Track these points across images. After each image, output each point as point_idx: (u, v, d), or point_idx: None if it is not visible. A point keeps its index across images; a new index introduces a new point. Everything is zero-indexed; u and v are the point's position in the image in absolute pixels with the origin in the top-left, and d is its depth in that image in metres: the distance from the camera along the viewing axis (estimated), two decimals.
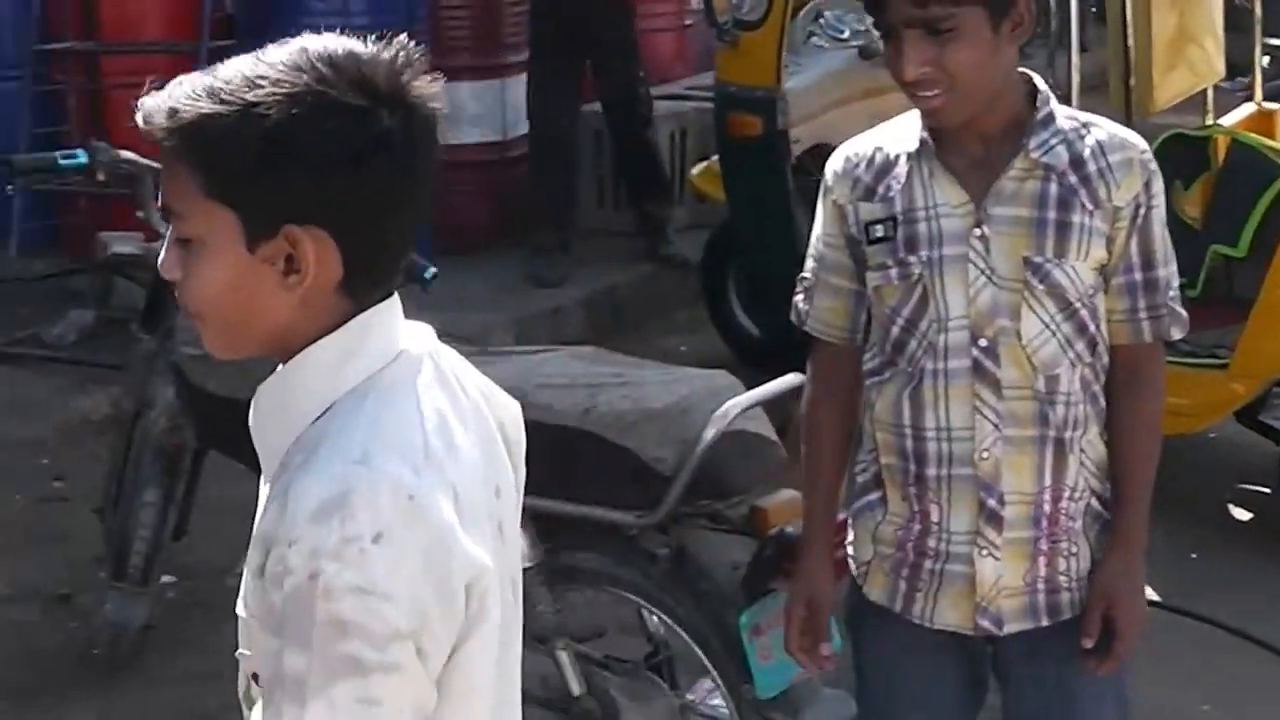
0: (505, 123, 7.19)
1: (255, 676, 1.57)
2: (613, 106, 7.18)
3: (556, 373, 3.24)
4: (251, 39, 6.18)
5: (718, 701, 3.23)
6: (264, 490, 1.63)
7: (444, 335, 1.71)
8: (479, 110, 7.31)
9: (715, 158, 6.40)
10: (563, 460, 3.10)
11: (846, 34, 6.33)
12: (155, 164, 3.95)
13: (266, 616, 1.53)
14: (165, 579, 4.26)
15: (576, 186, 7.26)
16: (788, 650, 2.69)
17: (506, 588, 1.66)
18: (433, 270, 3.62)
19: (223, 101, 1.52)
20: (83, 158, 3.97)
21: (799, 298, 2.61)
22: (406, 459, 1.54)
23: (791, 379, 3.20)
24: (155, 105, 1.57)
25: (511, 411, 1.81)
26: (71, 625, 4.54)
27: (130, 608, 4.20)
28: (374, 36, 1.57)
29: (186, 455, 4.12)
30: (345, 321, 1.59)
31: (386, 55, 1.56)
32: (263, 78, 1.52)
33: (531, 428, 3.09)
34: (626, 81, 7.09)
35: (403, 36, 1.58)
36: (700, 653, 3.18)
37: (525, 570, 3.10)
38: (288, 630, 1.50)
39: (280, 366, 1.61)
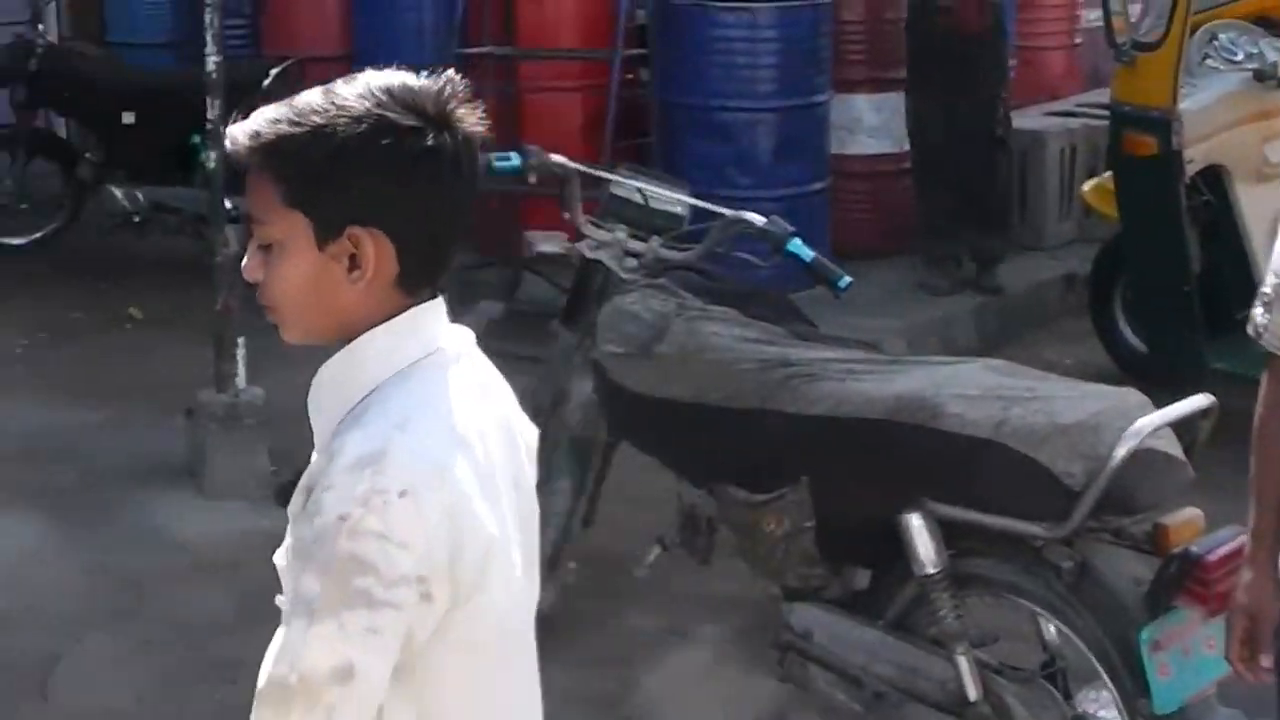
0: (901, 134, 7.25)
1: None
2: (969, 124, 7.04)
3: (970, 384, 3.31)
4: (665, 49, 6.49)
5: (1110, 714, 3.26)
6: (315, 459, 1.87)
7: (839, 340, 1.84)
8: (876, 122, 7.44)
9: (1107, 174, 6.37)
10: (973, 469, 3.19)
11: (1241, 56, 6.20)
12: (584, 167, 4.22)
13: (295, 545, 1.78)
14: (569, 565, 4.38)
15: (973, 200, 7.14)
16: (1227, 659, 2.70)
17: (514, 570, 1.85)
18: (847, 280, 3.74)
19: (296, 124, 1.77)
20: (516, 160, 4.13)
21: (1257, 311, 2.60)
22: (439, 432, 1.79)
23: (1200, 400, 3.22)
24: (241, 130, 1.82)
25: (530, 436, 2.01)
26: None
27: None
28: (427, 71, 1.83)
29: (599, 447, 4.24)
30: (399, 314, 1.83)
31: (435, 85, 1.81)
32: (331, 104, 1.77)
33: (943, 437, 3.20)
34: (988, 101, 7.02)
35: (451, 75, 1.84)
36: (1098, 665, 3.20)
37: (929, 576, 3.23)
38: (312, 558, 1.73)
39: (342, 349, 1.86)
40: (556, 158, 4.19)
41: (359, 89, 1.80)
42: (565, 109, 7.27)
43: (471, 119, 1.83)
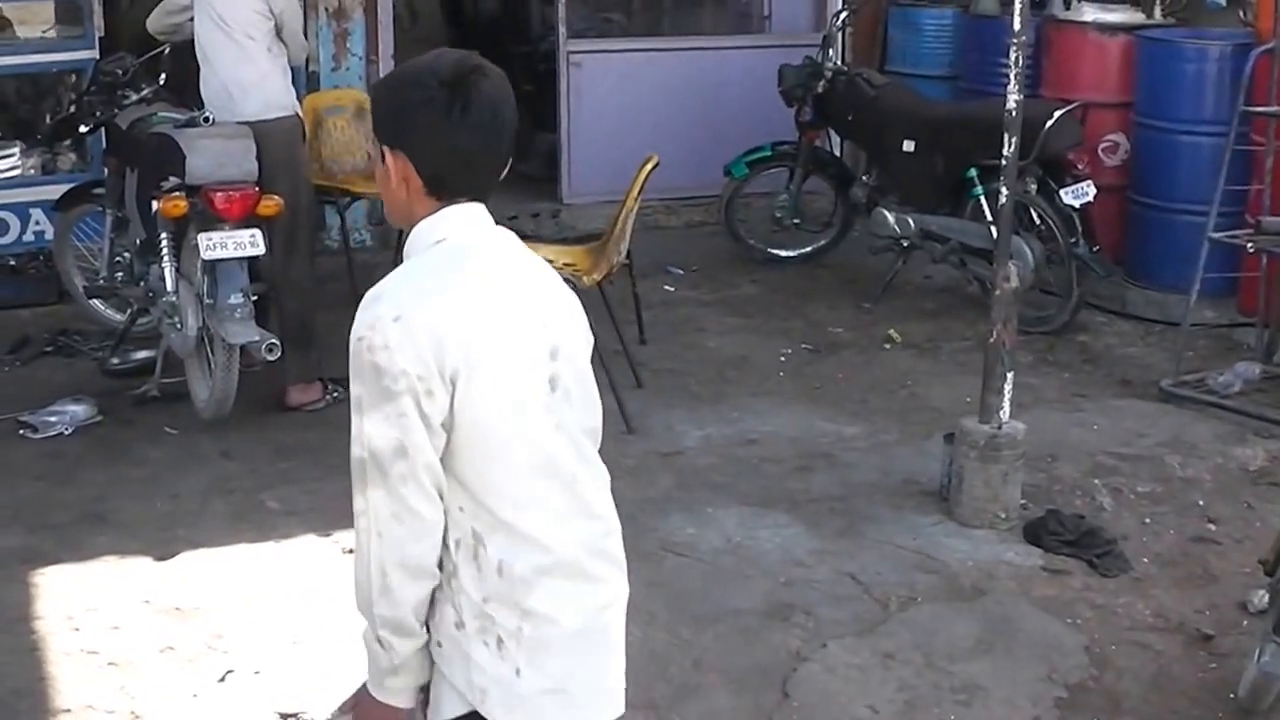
0: None
1: None
2: None
3: None
4: None
5: None
6: None
7: None
8: None
9: None
10: None
11: None
12: None
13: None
14: None
15: None
16: None
17: (536, 408, 2.55)
18: None
19: (375, 88, 2.72)
20: None
21: None
22: (421, 283, 2.51)
23: None
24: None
25: (558, 328, 2.65)
26: (1209, 665, 4.65)
27: None
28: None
29: None
30: (435, 213, 2.58)
31: (459, 58, 2.56)
32: (400, 70, 2.64)
33: None
34: None
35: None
36: None
37: None
38: (354, 375, 2.49)
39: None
40: None
41: (420, 61, 2.59)
42: None
43: (488, 84, 2.55)
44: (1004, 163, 5.36)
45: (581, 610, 2.60)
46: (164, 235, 6.28)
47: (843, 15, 8.89)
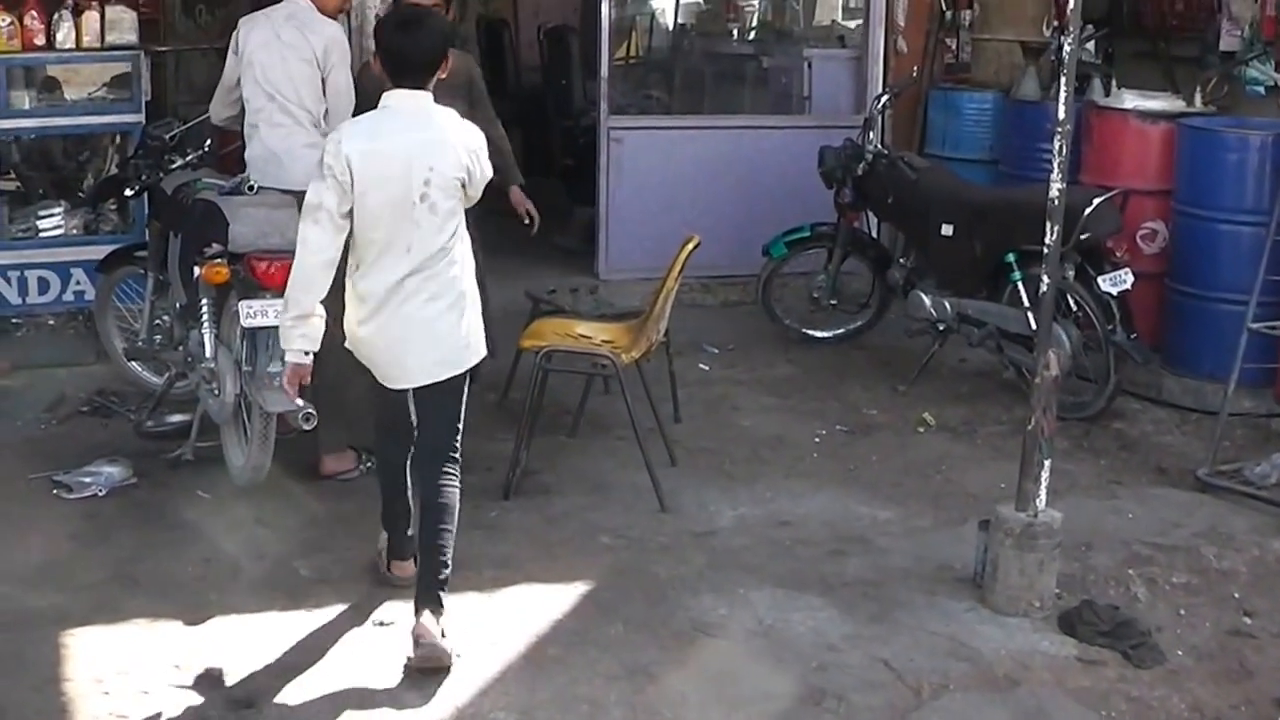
0: None
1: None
2: None
3: None
4: None
5: None
6: None
7: None
8: None
9: None
10: None
11: None
12: None
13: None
14: None
15: None
16: None
17: (402, 209, 4.88)
18: None
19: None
20: None
21: None
22: (358, 128, 5.00)
23: None
24: None
25: (451, 145, 4.96)
26: None
27: None
28: None
29: None
30: (390, 91, 4.97)
31: (410, 7, 5.66)
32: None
33: None
34: None
35: None
36: None
37: None
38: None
39: None
40: None
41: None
42: None
43: (417, 16, 5.08)
44: (1045, 250, 5.37)
45: (389, 327, 4.98)
46: (205, 301, 6.33)
47: (884, 98, 8.93)
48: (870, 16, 10.06)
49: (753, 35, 11.75)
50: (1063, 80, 5.36)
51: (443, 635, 4.90)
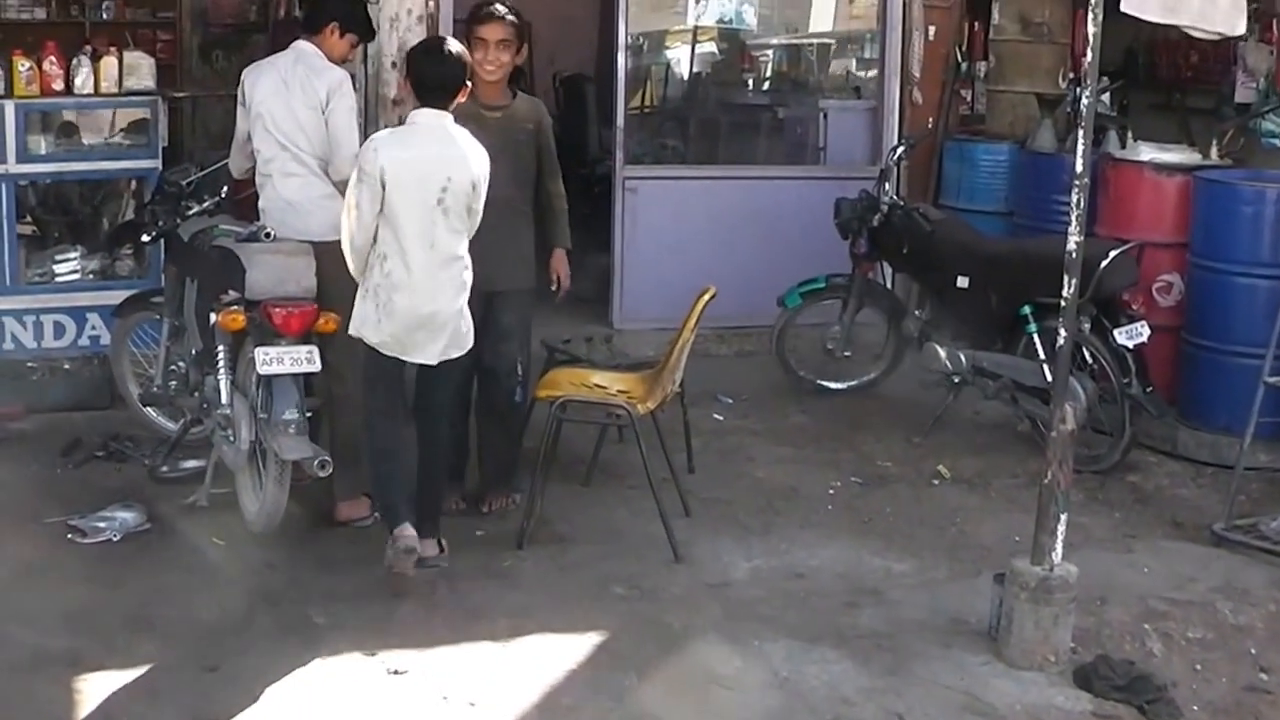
0: None
1: None
2: None
3: None
4: None
5: None
6: None
7: None
8: None
9: None
10: None
11: None
12: None
13: None
14: None
15: None
16: None
17: (424, 210, 5.77)
18: None
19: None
20: None
21: None
22: (390, 138, 5.89)
23: None
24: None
25: (458, 170, 5.80)
26: None
27: None
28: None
29: None
30: (416, 109, 5.87)
31: (431, 38, 7.00)
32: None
33: None
34: None
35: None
36: None
37: None
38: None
39: None
40: None
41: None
42: None
43: (440, 47, 5.99)
44: (1062, 302, 5.37)
45: (419, 304, 5.80)
46: (221, 347, 6.34)
47: (899, 149, 8.96)
48: (885, 67, 10.09)
49: (768, 85, 11.79)
50: (1080, 132, 5.38)
51: (422, 557, 5.85)
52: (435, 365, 5.89)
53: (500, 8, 6.56)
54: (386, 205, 5.69)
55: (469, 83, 5.91)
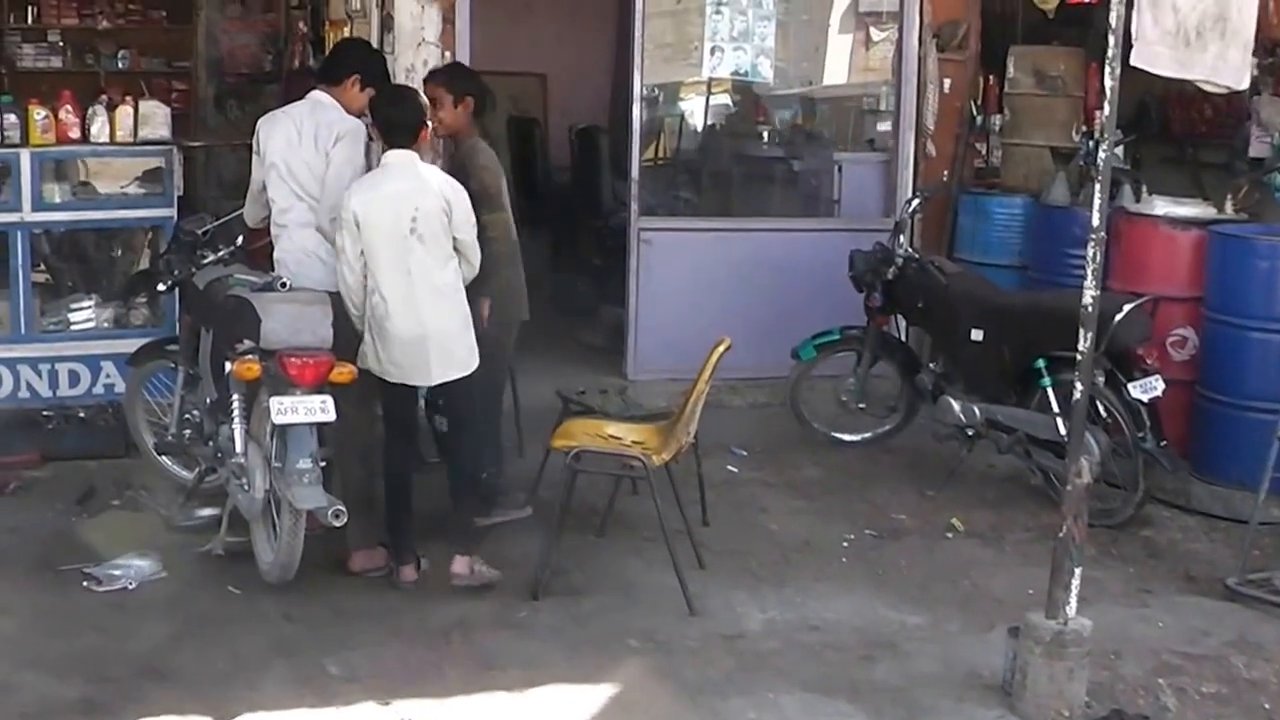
0: None
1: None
2: None
3: None
4: None
5: None
6: None
7: None
8: None
9: None
10: None
11: None
12: None
13: None
14: None
15: None
16: None
17: (397, 240, 6.23)
18: None
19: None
20: None
21: None
22: (364, 181, 6.37)
23: None
24: None
25: (422, 199, 6.26)
26: None
27: None
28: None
29: None
30: (387, 152, 6.39)
31: (395, 87, 7.06)
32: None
33: None
34: None
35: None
36: None
37: None
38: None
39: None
40: None
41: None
42: None
43: (401, 94, 6.74)
44: (1077, 356, 5.37)
45: (405, 328, 6.21)
46: (235, 396, 6.36)
47: (914, 202, 8.99)
48: (900, 120, 10.14)
49: (782, 138, 11.82)
50: (1096, 187, 5.39)
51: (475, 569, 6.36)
52: (439, 386, 6.40)
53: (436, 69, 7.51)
54: (365, 243, 6.19)
55: (429, 124, 6.57)
